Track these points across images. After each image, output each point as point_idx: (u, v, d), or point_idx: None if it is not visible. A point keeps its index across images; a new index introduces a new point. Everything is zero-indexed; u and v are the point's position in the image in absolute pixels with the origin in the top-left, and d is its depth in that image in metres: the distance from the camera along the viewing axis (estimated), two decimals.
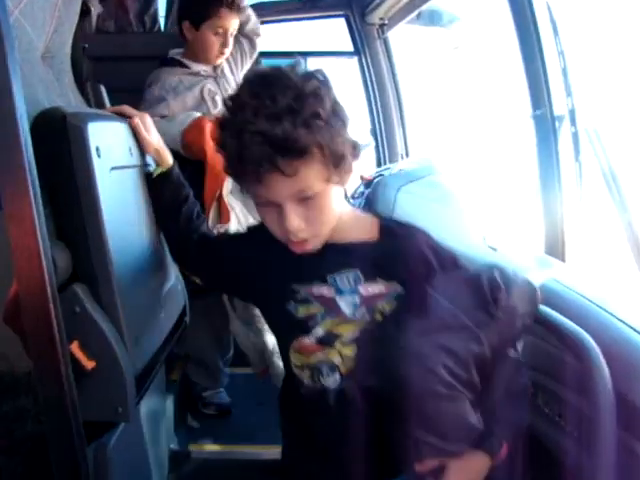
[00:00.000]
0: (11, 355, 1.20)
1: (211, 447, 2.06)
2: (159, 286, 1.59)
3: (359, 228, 1.28)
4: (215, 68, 2.49)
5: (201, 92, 2.41)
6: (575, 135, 2.12)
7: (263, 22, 3.58)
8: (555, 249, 2.12)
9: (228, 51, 2.48)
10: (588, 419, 1.22)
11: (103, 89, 2.27)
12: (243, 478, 2.04)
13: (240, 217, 2.23)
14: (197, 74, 2.45)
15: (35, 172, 0.97)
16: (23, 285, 0.97)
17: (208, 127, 2.16)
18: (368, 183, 2.87)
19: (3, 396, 1.29)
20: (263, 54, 3.93)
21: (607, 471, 1.19)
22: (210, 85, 2.45)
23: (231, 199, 2.21)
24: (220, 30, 2.36)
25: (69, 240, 1.21)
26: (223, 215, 2.18)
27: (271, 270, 1.27)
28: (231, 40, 2.44)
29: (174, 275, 1.74)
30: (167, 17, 3.43)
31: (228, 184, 2.18)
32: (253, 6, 3.57)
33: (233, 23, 2.40)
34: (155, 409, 1.64)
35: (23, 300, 0.97)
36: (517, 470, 1.49)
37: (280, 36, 3.93)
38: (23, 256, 0.96)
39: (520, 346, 1.52)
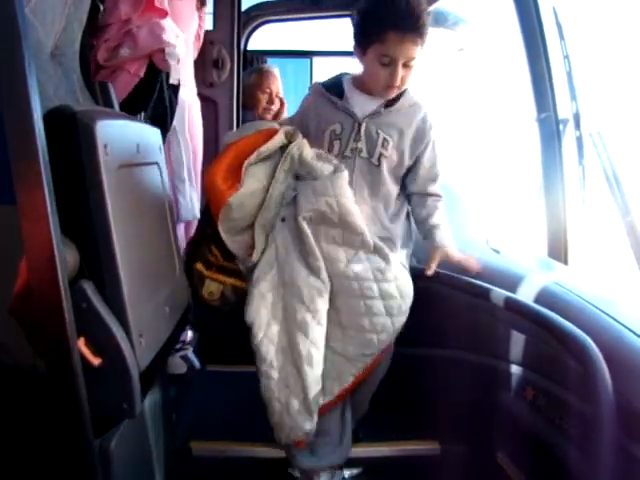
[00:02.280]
0: (13, 347, 1.21)
1: (213, 444, 2.07)
2: (165, 283, 1.61)
3: None
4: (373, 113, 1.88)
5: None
6: (579, 139, 2.12)
7: (269, 21, 3.60)
8: (558, 252, 2.13)
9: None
10: (589, 421, 1.23)
11: (111, 87, 2.28)
12: (244, 476, 2.05)
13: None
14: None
15: (49, 169, 0.98)
16: (35, 279, 0.98)
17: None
18: None
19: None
20: (268, 53, 3.96)
21: (607, 473, 1.19)
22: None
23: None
24: (386, 59, 1.75)
25: (76, 237, 1.22)
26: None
27: None
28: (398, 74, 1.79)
29: (179, 273, 1.75)
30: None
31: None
32: (259, 6, 3.59)
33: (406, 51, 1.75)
34: (158, 405, 1.65)
35: (34, 294, 0.98)
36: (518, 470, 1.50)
37: (286, 36, 3.94)
38: (35, 251, 0.97)
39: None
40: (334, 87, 1.91)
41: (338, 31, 3.68)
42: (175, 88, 2.25)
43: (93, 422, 1.12)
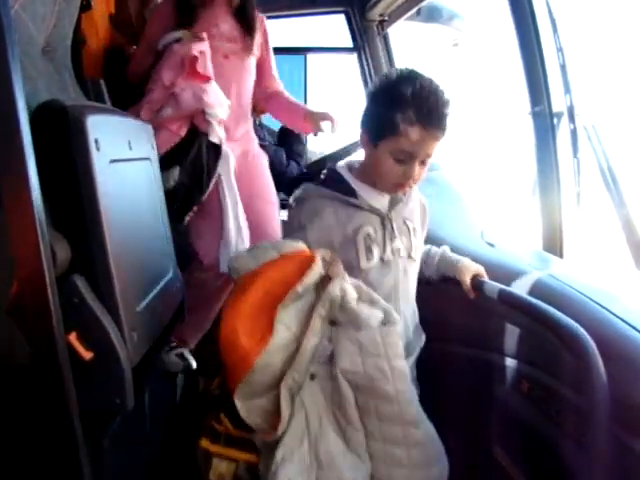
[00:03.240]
0: (12, 348, 1.20)
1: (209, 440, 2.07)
2: (157, 278, 1.60)
3: None
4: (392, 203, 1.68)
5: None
6: (573, 132, 2.12)
7: None
8: (553, 245, 2.13)
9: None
10: (583, 413, 1.23)
11: (103, 83, 2.28)
12: (242, 470, 2.05)
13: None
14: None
15: (34, 164, 0.98)
16: (23, 276, 0.98)
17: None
18: None
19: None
20: None
21: (601, 464, 1.20)
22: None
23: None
24: (402, 155, 1.54)
25: (68, 232, 1.22)
26: None
27: None
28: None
29: (172, 268, 1.74)
30: None
31: None
32: None
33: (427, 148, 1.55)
34: (153, 401, 1.65)
35: (22, 290, 0.98)
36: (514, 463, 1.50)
37: (280, 32, 3.93)
38: (23, 247, 0.96)
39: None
40: (335, 184, 1.64)
41: (332, 27, 3.68)
42: (217, 145, 2.28)
43: (87, 418, 1.12)
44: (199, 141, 2.19)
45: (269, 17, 2.72)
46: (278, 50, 3.16)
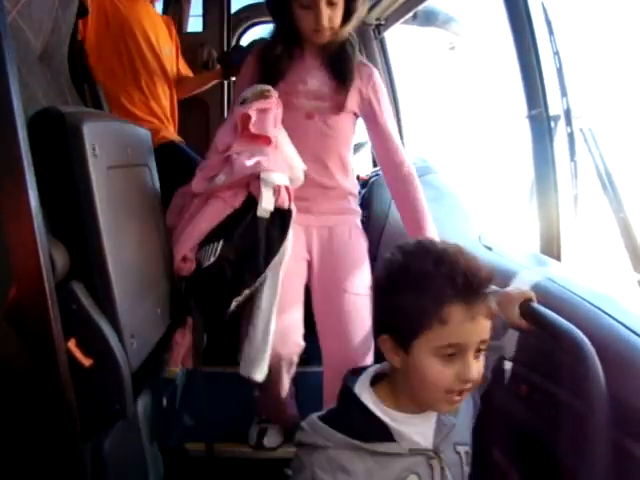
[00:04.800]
0: (10, 353, 1.21)
1: (208, 445, 2.07)
2: (156, 284, 1.60)
3: None
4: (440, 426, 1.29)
5: None
6: (570, 135, 2.12)
7: (259, 23, 3.60)
8: (550, 248, 2.13)
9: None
10: (581, 417, 1.23)
11: (100, 89, 2.28)
12: (238, 476, 2.05)
13: None
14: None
15: (32, 170, 0.98)
16: (21, 283, 0.98)
17: None
18: (364, 183, 2.87)
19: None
20: None
21: (600, 468, 1.19)
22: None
23: None
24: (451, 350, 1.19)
25: (66, 238, 1.22)
26: None
27: None
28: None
29: (171, 273, 1.74)
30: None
31: None
32: (249, 7, 3.59)
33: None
34: (151, 406, 1.65)
35: (21, 298, 0.98)
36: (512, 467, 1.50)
37: None
38: (21, 254, 0.96)
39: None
40: (359, 421, 1.22)
41: None
42: (284, 217, 1.85)
43: (86, 423, 1.12)
44: (254, 211, 1.80)
45: (267, 22, 2.71)
46: None
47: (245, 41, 3.62)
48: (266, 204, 1.79)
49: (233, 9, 3.42)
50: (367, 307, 1.90)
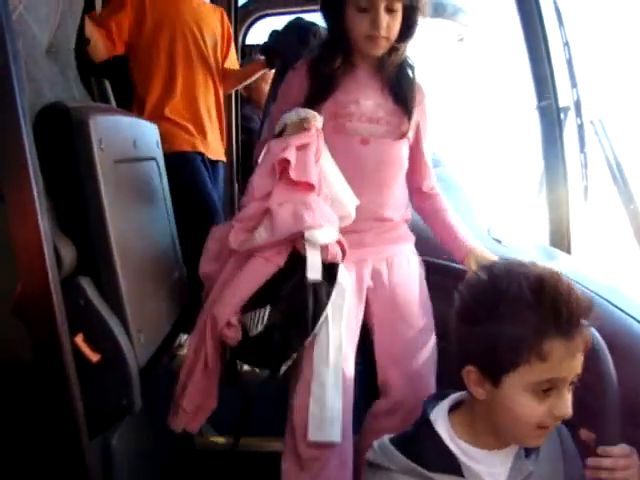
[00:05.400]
0: (17, 345, 1.21)
1: (215, 439, 2.07)
2: (163, 279, 1.60)
3: None
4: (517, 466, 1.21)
5: None
6: (580, 126, 2.11)
7: (266, 15, 3.58)
8: (560, 241, 2.12)
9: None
10: (593, 410, 1.22)
11: (108, 84, 2.28)
12: (246, 469, 2.05)
13: None
14: None
15: (37, 165, 0.97)
16: (25, 277, 0.98)
17: None
18: None
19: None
20: None
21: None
22: None
23: None
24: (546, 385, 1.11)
25: (73, 233, 1.22)
26: None
27: None
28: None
29: (178, 268, 1.74)
30: None
31: None
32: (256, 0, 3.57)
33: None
34: (159, 401, 1.65)
35: (26, 293, 0.98)
36: None
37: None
38: (25, 248, 0.96)
39: None
40: (430, 450, 1.17)
41: None
42: (331, 272, 1.64)
43: (94, 419, 1.12)
44: (302, 271, 1.59)
45: (272, 14, 2.70)
46: None
47: (250, 34, 3.61)
48: (313, 273, 1.58)
49: (241, 1, 3.41)
50: (432, 340, 1.78)
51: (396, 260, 1.83)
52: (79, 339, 1.17)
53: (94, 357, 1.19)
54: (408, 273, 1.83)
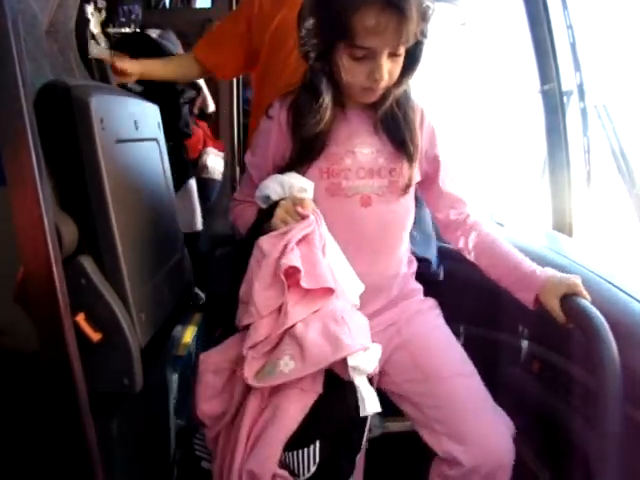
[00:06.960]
0: (19, 333, 1.20)
1: None
2: (165, 259, 1.60)
3: None
4: None
5: None
6: (583, 110, 2.10)
7: None
8: (562, 224, 2.11)
9: None
10: (595, 393, 1.22)
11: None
12: None
13: None
14: None
15: (38, 144, 0.97)
16: (27, 256, 0.97)
17: None
18: None
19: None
20: None
21: (614, 444, 1.19)
22: None
23: None
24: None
25: (74, 212, 1.21)
26: None
27: None
28: None
29: (180, 249, 1.74)
30: None
31: None
32: None
33: None
34: (162, 383, 1.65)
35: (27, 272, 0.97)
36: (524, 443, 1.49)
37: None
38: (26, 227, 0.96)
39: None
40: None
41: None
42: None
43: (95, 400, 1.11)
44: (350, 398, 1.30)
45: None
46: None
47: None
48: (371, 406, 1.30)
49: None
50: (478, 381, 1.49)
51: (407, 323, 1.58)
52: (80, 318, 1.17)
53: (95, 336, 1.19)
54: (425, 329, 1.58)
